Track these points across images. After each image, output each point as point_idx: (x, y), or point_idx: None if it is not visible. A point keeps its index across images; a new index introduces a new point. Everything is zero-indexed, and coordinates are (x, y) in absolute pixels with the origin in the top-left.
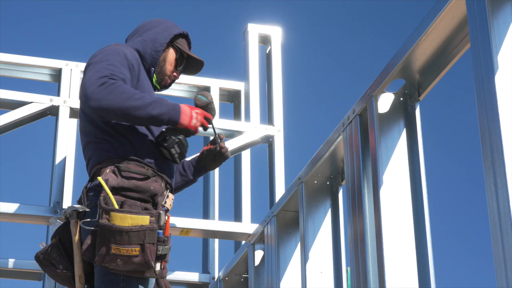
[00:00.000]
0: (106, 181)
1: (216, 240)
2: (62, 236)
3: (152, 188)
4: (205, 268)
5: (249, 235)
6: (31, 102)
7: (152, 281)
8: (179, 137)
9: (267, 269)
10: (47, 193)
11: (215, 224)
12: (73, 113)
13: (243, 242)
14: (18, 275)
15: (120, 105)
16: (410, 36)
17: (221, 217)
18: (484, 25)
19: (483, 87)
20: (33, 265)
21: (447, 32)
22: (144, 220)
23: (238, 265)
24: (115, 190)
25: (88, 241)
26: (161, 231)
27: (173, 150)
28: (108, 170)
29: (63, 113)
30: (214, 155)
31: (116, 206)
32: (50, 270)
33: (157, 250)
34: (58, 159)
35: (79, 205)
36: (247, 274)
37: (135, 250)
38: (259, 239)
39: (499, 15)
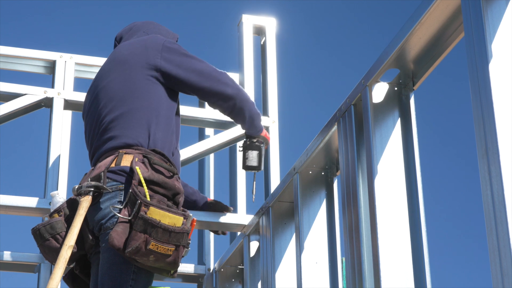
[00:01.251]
0: (136, 171)
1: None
2: (66, 212)
3: (176, 186)
4: (201, 259)
5: (244, 226)
6: (25, 94)
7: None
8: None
9: (262, 260)
10: (42, 185)
11: (210, 215)
12: (67, 104)
13: (238, 233)
14: (12, 268)
15: (248, 101)
16: (404, 25)
17: None
18: (478, 14)
19: (477, 76)
20: (28, 258)
21: (441, 21)
22: (179, 220)
23: (234, 256)
24: (145, 182)
25: (118, 229)
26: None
27: (262, 149)
28: (136, 159)
29: (57, 105)
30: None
31: (149, 199)
32: (48, 244)
33: None
34: (52, 151)
35: (100, 184)
36: (243, 265)
37: (170, 250)
38: (254, 230)
39: (493, 4)
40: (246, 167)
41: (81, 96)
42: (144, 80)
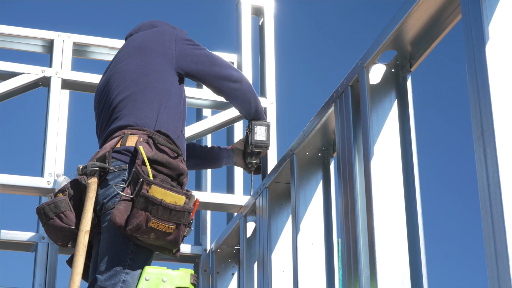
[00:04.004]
0: (140, 150)
1: (208, 212)
2: (71, 192)
3: (181, 167)
4: (197, 240)
5: (241, 207)
6: (23, 73)
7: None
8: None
9: (259, 241)
10: (39, 164)
11: (207, 195)
12: (64, 84)
13: (235, 214)
14: (9, 246)
15: (253, 92)
16: (401, 6)
17: (214, 189)
18: None
19: (474, 58)
20: (25, 237)
21: (438, 3)
22: (181, 200)
23: (230, 237)
24: (148, 161)
25: (120, 207)
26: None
27: (270, 125)
28: (141, 139)
29: (55, 84)
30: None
31: (151, 178)
32: (52, 223)
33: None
34: (49, 130)
35: (105, 164)
36: (239, 246)
37: (171, 228)
38: (251, 211)
39: None
40: (255, 142)
41: (78, 76)
42: (159, 65)
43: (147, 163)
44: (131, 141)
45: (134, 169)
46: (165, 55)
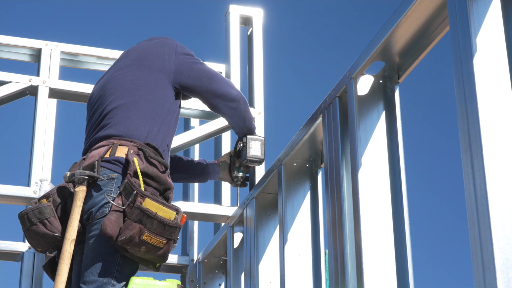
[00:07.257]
0: (133, 162)
1: (196, 222)
2: (55, 199)
3: (168, 182)
4: (185, 250)
5: (228, 217)
6: (10, 82)
7: None
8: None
9: (246, 252)
10: (26, 173)
11: (194, 206)
12: (52, 93)
13: (223, 224)
14: None
15: (249, 111)
16: (389, 18)
17: (201, 199)
18: (463, 8)
19: (461, 70)
20: (11, 246)
21: (426, 14)
22: (171, 215)
23: (217, 247)
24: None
25: (112, 217)
26: None
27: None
28: (132, 151)
29: (42, 93)
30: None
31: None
32: (36, 229)
33: None
34: (37, 139)
35: (94, 173)
36: (226, 256)
37: (162, 242)
38: (239, 221)
39: None
40: (250, 157)
41: (66, 85)
42: (156, 79)
43: (140, 176)
44: (121, 152)
45: (126, 180)
46: (163, 70)
